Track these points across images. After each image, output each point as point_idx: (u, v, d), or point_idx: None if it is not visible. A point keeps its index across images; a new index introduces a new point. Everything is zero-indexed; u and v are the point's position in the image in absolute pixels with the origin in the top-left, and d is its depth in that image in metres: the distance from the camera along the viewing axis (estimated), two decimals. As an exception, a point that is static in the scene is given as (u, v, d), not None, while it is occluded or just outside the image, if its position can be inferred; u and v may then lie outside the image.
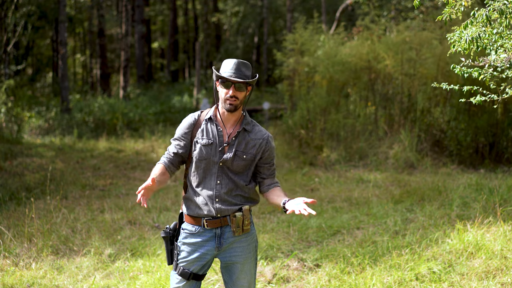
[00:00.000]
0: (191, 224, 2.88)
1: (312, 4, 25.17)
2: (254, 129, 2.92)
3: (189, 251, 2.86)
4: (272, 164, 2.97)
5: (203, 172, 2.86)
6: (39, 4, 19.41)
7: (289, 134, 11.45)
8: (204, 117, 2.91)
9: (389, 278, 4.27)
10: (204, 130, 2.87)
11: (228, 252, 2.88)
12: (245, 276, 2.93)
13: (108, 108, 15.79)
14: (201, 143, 2.85)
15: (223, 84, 2.79)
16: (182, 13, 33.87)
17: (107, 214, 6.32)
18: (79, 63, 34.55)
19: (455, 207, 6.20)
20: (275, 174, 3.02)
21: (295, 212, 2.63)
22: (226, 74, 2.78)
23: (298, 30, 12.29)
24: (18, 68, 20.00)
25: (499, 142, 9.63)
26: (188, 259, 2.85)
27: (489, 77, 3.31)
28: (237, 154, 2.84)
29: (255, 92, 23.65)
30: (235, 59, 2.83)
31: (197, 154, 2.85)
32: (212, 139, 2.85)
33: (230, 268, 2.92)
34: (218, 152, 2.84)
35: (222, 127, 2.88)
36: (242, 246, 2.89)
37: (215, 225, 2.84)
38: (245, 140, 2.87)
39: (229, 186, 2.85)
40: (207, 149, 2.84)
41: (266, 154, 2.92)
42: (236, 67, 2.79)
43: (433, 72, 10.15)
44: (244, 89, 2.81)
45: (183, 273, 2.84)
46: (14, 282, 4.26)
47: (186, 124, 2.91)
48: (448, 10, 3.08)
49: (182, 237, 2.90)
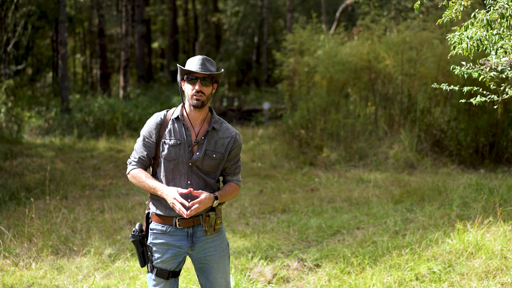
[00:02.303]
0: (161, 223, 2.83)
1: (312, 4, 25.16)
2: (222, 127, 2.90)
3: (163, 251, 2.82)
4: (236, 162, 2.94)
5: (172, 173, 2.83)
6: (39, 4, 19.41)
7: (289, 134, 11.45)
8: (171, 117, 2.87)
9: (389, 278, 4.27)
10: (171, 130, 2.83)
11: (203, 253, 2.86)
12: (222, 275, 2.92)
13: (108, 108, 15.79)
14: (168, 143, 2.82)
15: (189, 81, 2.78)
16: (182, 13, 33.86)
17: (107, 214, 6.32)
18: (79, 63, 34.55)
19: (455, 207, 6.20)
20: (239, 171, 2.98)
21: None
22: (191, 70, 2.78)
23: (297, 30, 12.29)
24: (18, 68, 20.01)
25: (499, 142, 9.62)
26: (163, 259, 2.82)
27: (489, 78, 3.31)
28: (207, 153, 2.82)
29: (255, 92, 23.65)
30: (200, 55, 2.82)
31: (165, 155, 2.82)
32: (180, 139, 2.82)
33: (206, 269, 2.90)
34: (187, 152, 2.81)
35: (189, 126, 2.85)
36: (216, 245, 2.88)
37: (188, 224, 2.81)
38: (214, 139, 2.85)
39: (199, 185, 2.83)
40: (175, 149, 2.81)
41: (232, 152, 2.90)
42: (201, 63, 2.78)
43: (433, 72, 10.15)
44: (210, 85, 2.80)
45: (161, 273, 2.82)
46: (14, 282, 4.26)
47: (152, 124, 2.87)
48: (448, 13, 3.08)
49: (152, 238, 2.85)
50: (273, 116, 15.75)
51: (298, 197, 7.36)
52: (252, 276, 4.51)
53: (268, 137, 12.89)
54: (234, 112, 17.00)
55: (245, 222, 6.25)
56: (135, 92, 20.83)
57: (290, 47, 12.61)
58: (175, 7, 29.16)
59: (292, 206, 6.89)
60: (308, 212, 6.57)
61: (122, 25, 22.00)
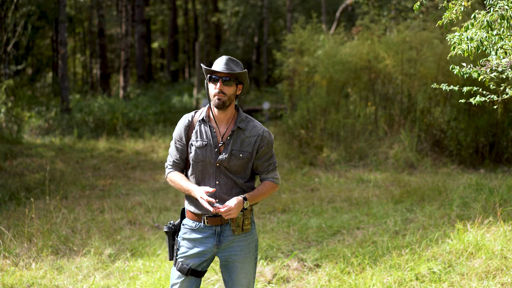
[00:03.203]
0: (192, 220, 2.90)
1: (312, 4, 25.16)
2: (249, 126, 2.90)
3: (189, 246, 2.87)
4: (267, 159, 2.94)
5: (201, 174, 2.87)
6: (39, 4, 19.40)
7: (289, 134, 11.45)
8: (198, 118, 2.90)
9: (389, 278, 4.27)
10: (197, 132, 2.86)
11: (228, 251, 2.89)
12: (245, 275, 2.94)
13: (108, 108, 15.79)
14: (195, 145, 2.85)
15: (212, 81, 2.80)
16: (182, 13, 33.86)
17: (107, 214, 6.32)
18: (79, 63, 34.54)
19: (455, 207, 6.20)
20: (273, 169, 2.98)
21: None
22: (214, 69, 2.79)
23: (297, 30, 12.29)
24: (18, 68, 20.00)
25: (499, 142, 9.62)
26: (186, 254, 2.86)
27: (488, 78, 3.31)
28: (233, 153, 2.83)
29: (255, 92, 23.63)
30: (225, 56, 2.83)
31: (193, 157, 2.85)
32: (206, 141, 2.84)
33: (230, 267, 2.92)
34: (214, 153, 2.83)
35: (215, 127, 2.86)
36: (242, 245, 2.90)
37: (216, 223, 2.85)
38: (240, 138, 2.86)
39: (228, 185, 2.85)
40: (202, 151, 2.84)
41: (261, 150, 2.90)
42: (225, 62, 2.79)
43: (433, 71, 10.15)
44: (232, 84, 2.80)
45: (182, 268, 2.86)
46: (14, 282, 4.26)
47: (181, 126, 2.91)
48: (448, 15, 3.09)
49: (182, 232, 2.92)
50: (273, 116, 15.74)
51: (298, 197, 7.37)
52: (252, 276, 4.51)
53: (268, 137, 12.86)
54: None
55: (245, 222, 6.24)
56: (135, 92, 20.82)
57: (290, 47, 12.61)
58: (175, 7, 29.16)
59: (292, 206, 6.89)
60: (308, 212, 6.57)
61: (122, 25, 22.00)
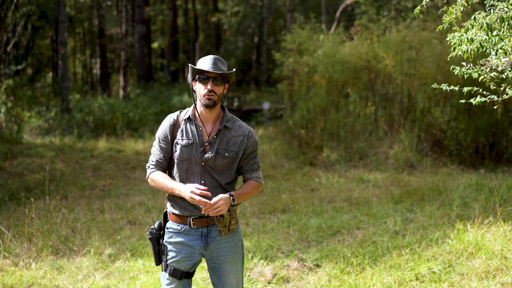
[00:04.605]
0: (177, 222, 2.86)
1: (312, 4, 25.16)
2: (235, 125, 2.90)
3: (177, 250, 2.84)
4: (252, 158, 2.93)
5: (185, 173, 2.84)
6: (39, 4, 19.40)
7: (289, 134, 11.45)
8: (183, 117, 2.89)
9: (389, 278, 4.27)
10: (183, 130, 2.85)
11: (215, 253, 2.87)
12: (234, 276, 2.92)
13: (108, 108, 15.79)
14: (181, 144, 2.83)
15: (201, 81, 2.79)
16: (182, 13, 33.86)
17: (107, 214, 6.32)
18: (79, 63, 34.54)
19: (455, 207, 6.20)
20: (257, 168, 2.97)
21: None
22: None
23: (296, 30, 12.29)
24: (18, 68, 20.01)
25: (499, 142, 9.62)
26: (177, 258, 2.84)
27: (489, 78, 3.31)
28: (219, 152, 2.82)
29: (255, 92, 23.64)
30: (211, 55, 2.83)
31: (178, 155, 2.83)
32: (192, 139, 2.83)
33: (218, 269, 2.90)
34: (200, 151, 2.82)
35: (201, 126, 2.86)
36: (229, 246, 2.88)
37: (202, 224, 2.82)
38: (226, 137, 2.86)
39: (212, 185, 2.83)
40: (188, 149, 2.82)
41: (248, 150, 2.89)
42: (213, 62, 2.78)
43: (433, 71, 10.15)
44: (221, 84, 2.80)
45: (175, 273, 2.83)
46: (14, 282, 4.26)
47: (165, 125, 2.89)
48: (448, 19, 3.09)
49: (168, 236, 2.88)
50: (273, 116, 15.75)
51: (298, 197, 7.37)
52: (252, 276, 4.51)
53: (268, 137, 12.90)
54: (234, 112, 16.97)
55: (245, 222, 6.25)
56: (135, 92, 20.82)
57: (289, 47, 12.61)
58: (175, 7, 29.16)
59: (292, 206, 6.89)
60: (308, 212, 6.57)
61: (122, 25, 22.00)
